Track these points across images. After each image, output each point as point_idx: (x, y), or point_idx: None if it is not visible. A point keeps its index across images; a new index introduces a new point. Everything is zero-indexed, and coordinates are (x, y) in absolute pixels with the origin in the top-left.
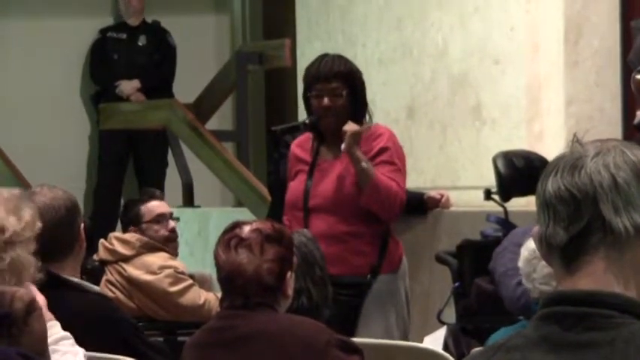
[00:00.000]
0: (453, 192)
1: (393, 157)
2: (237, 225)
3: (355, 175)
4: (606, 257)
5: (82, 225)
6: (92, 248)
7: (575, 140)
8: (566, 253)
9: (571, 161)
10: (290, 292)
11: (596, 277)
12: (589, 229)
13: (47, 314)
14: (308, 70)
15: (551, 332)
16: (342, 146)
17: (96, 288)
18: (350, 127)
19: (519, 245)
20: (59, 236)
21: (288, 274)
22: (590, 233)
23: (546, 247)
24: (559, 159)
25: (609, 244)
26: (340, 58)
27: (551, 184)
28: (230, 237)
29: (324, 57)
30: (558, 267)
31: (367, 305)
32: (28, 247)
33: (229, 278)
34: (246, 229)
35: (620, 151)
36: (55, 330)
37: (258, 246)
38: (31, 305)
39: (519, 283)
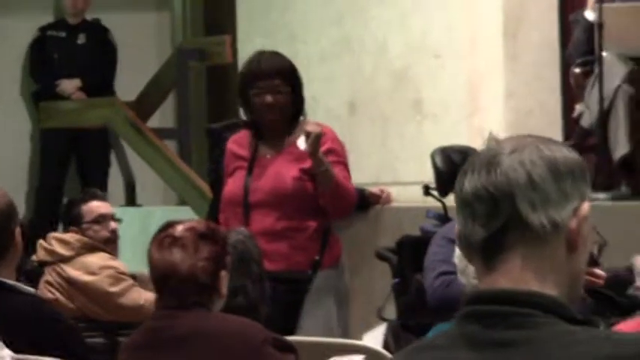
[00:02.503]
0: (395, 187)
1: (340, 156)
2: (170, 224)
3: (303, 172)
4: (524, 255)
5: (18, 227)
6: (32, 249)
7: (491, 137)
8: (485, 251)
9: (487, 159)
10: (224, 290)
11: (513, 274)
12: (507, 227)
13: None
14: (247, 67)
15: (472, 331)
16: (301, 144)
17: (31, 289)
18: (312, 127)
19: (446, 238)
20: None
21: (223, 272)
22: (507, 231)
23: (466, 245)
24: (475, 157)
25: (527, 242)
26: (279, 55)
27: (469, 183)
28: (163, 236)
29: (261, 54)
30: (478, 265)
31: (308, 301)
32: None
33: (163, 278)
34: (180, 228)
35: (535, 148)
36: None
37: (192, 245)
38: None
39: (438, 275)
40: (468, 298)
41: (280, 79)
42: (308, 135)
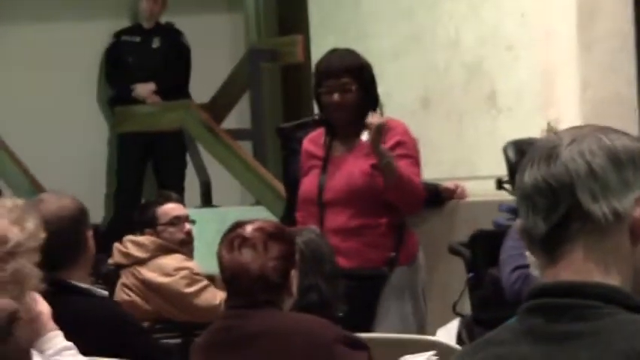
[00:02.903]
0: (471, 182)
1: (409, 150)
2: (239, 225)
3: (374, 167)
4: (586, 246)
5: (91, 232)
6: (110, 252)
7: (550, 129)
8: (546, 244)
9: (546, 151)
10: (294, 289)
11: (576, 266)
12: (568, 219)
13: (50, 324)
14: (317, 66)
15: (536, 324)
16: (364, 137)
17: (104, 292)
18: (374, 119)
19: None
20: (66, 244)
21: (292, 271)
22: (569, 223)
23: (528, 239)
24: (534, 150)
25: (588, 233)
26: (349, 53)
27: (528, 176)
28: (233, 237)
29: (332, 52)
30: (540, 258)
31: (384, 298)
32: (30, 257)
33: (234, 278)
34: (249, 228)
35: (595, 137)
36: (57, 340)
37: (262, 244)
38: (14, 315)
39: (514, 269)
40: (531, 292)
41: (349, 76)
42: (368, 127)
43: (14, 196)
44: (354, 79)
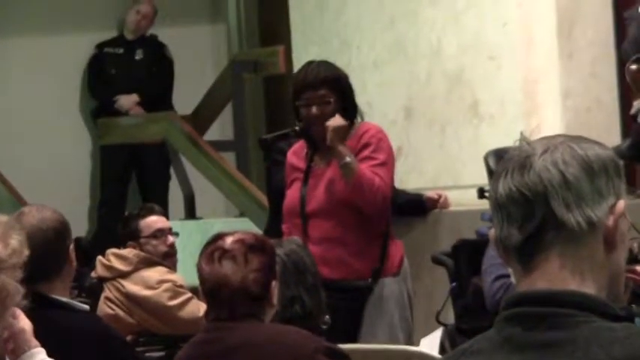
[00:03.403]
0: (455, 191)
1: (375, 151)
2: (219, 237)
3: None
4: (561, 255)
5: (72, 244)
6: (93, 265)
7: (523, 139)
8: (522, 253)
9: (519, 161)
10: (275, 300)
11: (551, 275)
12: (542, 228)
13: (32, 340)
14: (295, 78)
15: (513, 333)
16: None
17: (85, 307)
18: (332, 122)
19: None
20: (47, 257)
21: (273, 282)
22: (543, 232)
23: (503, 248)
24: (507, 160)
25: (563, 242)
26: (326, 64)
27: (502, 186)
28: (213, 249)
29: (309, 64)
30: (516, 268)
31: (369, 309)
32: (14, 274)
33: (215, 290)
34: (229, 240)
35: (567, 147)
36: (40, 357)
37: (242, 256)
38: None
39: (496, 279)
40: (507, 301)
41: (326, 88)
42: (326, 129)
43: None
44: (331, 91)
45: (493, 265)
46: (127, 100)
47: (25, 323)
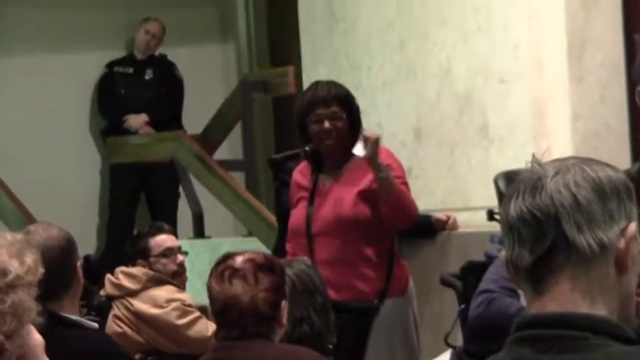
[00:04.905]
0: (464, 213)
1: (397, 171)
2: (229, 256)
3: (360, 196)
4: (572, 277)
5: (79, 262)
6: (102, 283)
7: (534, 161)
8: (532, 275)
9: (531, 183)
10: (284, 320)
11: (562, 297)
12: (553, 250)
13: (43, 357)
14: (305, 96)
15: (524, 355)
16: (358, 152)
17: (94, 324)
18: (371, 133)
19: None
20: (55, 275)
21: (283, 302)
22: (554, 254)
23: (513, 270)
24: (519, 181)
25: (574, 264)
26: (334, 83)
27: (514, 208)
28: (223, 268)
29: (317, 83)
30: (527, 289)
31: (375, 330)
32: (29, 291)
33: (225, 309)
34: (239, 259)
35: (579, 169)
36: None
37: (252, 276)
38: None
39: (480, 293)
40: (519, 323)
41: (337, 105)
42: (366, 140)
43: (7, 228)
44: (342, 108)
45: (485, 280)
46: (137, 120)
47: (37, 339)
